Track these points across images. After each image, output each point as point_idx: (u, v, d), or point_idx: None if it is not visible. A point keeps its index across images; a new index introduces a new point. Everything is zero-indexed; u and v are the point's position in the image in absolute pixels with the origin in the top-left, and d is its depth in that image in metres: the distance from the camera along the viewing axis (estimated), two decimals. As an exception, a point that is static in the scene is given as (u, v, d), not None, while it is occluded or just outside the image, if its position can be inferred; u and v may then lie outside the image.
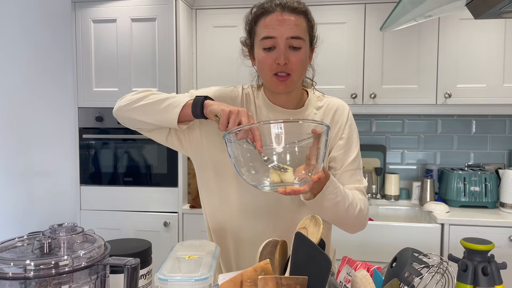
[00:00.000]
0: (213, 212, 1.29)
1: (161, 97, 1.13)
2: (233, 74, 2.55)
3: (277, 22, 1.11)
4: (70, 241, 0.80)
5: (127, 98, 1.17)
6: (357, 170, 1.24)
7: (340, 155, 1.22)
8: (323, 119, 1.23)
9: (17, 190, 3.00)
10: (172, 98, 1.12)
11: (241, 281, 0.78)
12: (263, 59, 1.14)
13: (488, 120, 2.76)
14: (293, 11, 1.13)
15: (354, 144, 1.25)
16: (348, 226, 1.20)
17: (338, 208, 1.11)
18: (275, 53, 1.12)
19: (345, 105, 1.28)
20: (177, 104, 1.10)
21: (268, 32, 1.12)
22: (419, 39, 2.46)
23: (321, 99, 1.27)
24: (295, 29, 1.11)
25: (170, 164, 2.46)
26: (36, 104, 2.96)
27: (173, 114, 1.09)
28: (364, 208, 1.18)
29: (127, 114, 1.16)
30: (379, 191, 2.79)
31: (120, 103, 1.18)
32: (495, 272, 0.91)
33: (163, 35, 2.41)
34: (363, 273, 0.78)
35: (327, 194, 1.07)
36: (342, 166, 1.21)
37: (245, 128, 0.95)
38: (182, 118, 1.10)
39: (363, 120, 2.85)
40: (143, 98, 1.14)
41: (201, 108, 1.07)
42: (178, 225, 2.45)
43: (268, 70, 1.14)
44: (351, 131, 1.25)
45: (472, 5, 0.97)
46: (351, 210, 1.14)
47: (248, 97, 1.24)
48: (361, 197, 1.19)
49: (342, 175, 1.21)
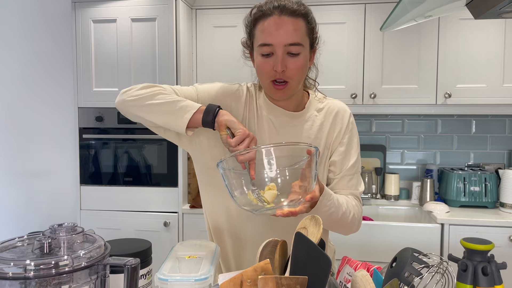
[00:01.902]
0: (213, 212, 1.29)
1: (170, 99, 1.10)
2: (233, 74, 2.54)
3: (275, 27, 1.08)
4: (70, 241, 0.80)
5: (133, 93, 1.13)
6: (355, 175, 1.25)
7: (339, 160, 1.23)
8: (323, 121, 1.23)
9: (17, 190, 3.00)
10: (182, 102, 1.09)
11: (241, 281, 0.78)
12: (261, 65, 1.12)
13: (488, 120, 2.76)
14: (292, 14, 1.09)
15: (354, 149, 1.25)
16: (340, 231, 1.23)
17: (331, 218, 1.13)
18: (273, 59, 1.10)
19: (346, 108, 1.27)
20: (188, 110, 1.07)
21: (265, 39, 1.09)
22: (419, 39, 2.46)
23: (322, 101, 1.26)
24: (293, 35, 1.08)
25: (170, 164, 2.46)
26: (36, 104, 2.96)
27: (183, 120, 1.07)
28: (357, 215, 1.20)
29: (132, 110, 1.14)
30: (379, 191, 2.79)
31: (124, 97, 1.14)
32: (495, 272, 0.91)
33: (163, 35, 2.41)
34: (363, 273, 0.78)
35: (321, 208, 1.08)
36: (341, 171, 1.23)
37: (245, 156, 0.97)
38: (190, 123, 1.08)
39: (363, 120, 2.85)
40: (151, 97, 1.11)
41: (213, 116, 1.06)
42: (178, 225, 2.45)
43: (266, 76, 1.12)
44: (351, 136, 1.25)
45: (472, 5, 0.97)
46: (344, 218, 1.16)
47: (251, 96, 1.24)
48: (354, 204, 1.21)
49: (341, 179, 1.23)
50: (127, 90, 1.16)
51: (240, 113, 1.22)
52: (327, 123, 1.23)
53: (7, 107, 2.97)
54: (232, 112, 1.17)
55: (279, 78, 1.11)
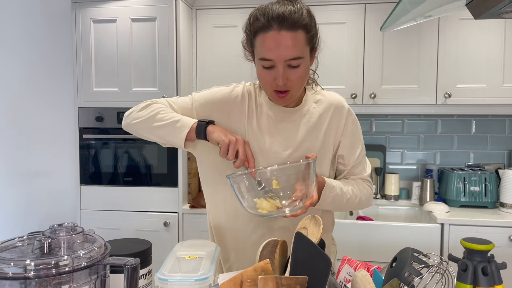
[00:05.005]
0: (215, 210, 1.30)
1: (167, 120, 1.18)
2: (233, 74, 2.55)
3: (274, 44, 1.08)
4: (70, 241, 0.80)
5: (135, 115, 1.22)
6: (362, 160, 1.31)
7: (346, 153, 1.28)
8: (322, 113, 1.25)
9: (17, 190, 3.00)
10: (178, 122, 1.17)
11: (241, 281, 0.78)
12: (263, 77, 1.15)
13: (488, 120, 2.76)
14: (291, 28, 1.07)
15: (358, 138, 1.30)
16: (348, 210, 1.36)
17: (336, 205, 1.22)
18: (274, 72, 1.12)
19: (343, 101, 1.30)
20: (182, 130, 1.16)
21: (265, 54, 1.10)
22: (419, 39, 2.46)
23: (319, 93, 1.30)
24: (292, 51, 1.08)
25: (170, 164, 2.46)
26: (36, 104, 2.96)
27: (180, 139, 1.16)
28: (365, 197, 1.27)
29: (137, 132, 1.24)
30: (379, 191, 2.79)
31: (128, 120, 1.24)
32: (495, 272, 0.91)
33: (163, 35, 2.41)
34: (363, 273, 0.78)
35: (324, 199, 1.17)
36: (349, 162, 1.28)
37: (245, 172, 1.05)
38: (187, 139, 1.17)
39: (363, 120, 2.85)
40: (151, 119, 1.19)
41: (204, 134, 1.16)
42: (178, 225, 2.45)
43: (269, 86, 1.16)
44: (353, 126, 1.29)
45: (472, 5, 0.97)
46: (350, 204, 1.24)
47: (249, 94, 1.26)
48: (362, 187, 1.27)
49: (351, 169, 1.29)
50: (129, 113, 1.25)
51: (237, 114, 1.24)
52: (327, 115, 1.25)
53: (7, 107, 2.97)
54: (230, 115, 1.23)
55: (281, 89, 1.14)
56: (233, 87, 1.27)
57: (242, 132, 1.22)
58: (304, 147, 1.22)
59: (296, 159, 1.19)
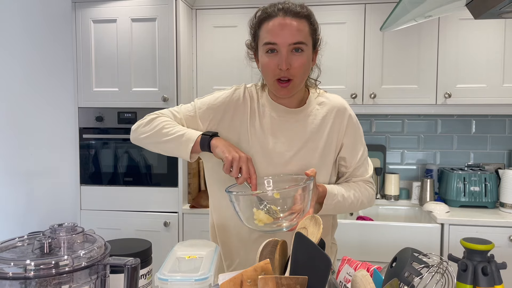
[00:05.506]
0: (220, 207, 1.31)
1: (172, 134, 1.21)
2: (233, 74, 2.55)
3: (279, 27, 1.13)
4: (70, 241, 0.80)
5: (141, 130, 1.26)
6: (364, 162, 1.32)
7: (348, 155, 1.29)
8: (325, 115, 1.27)
9: (17, 190, 3.00)
10: (183, 136, 1.20)
11: (241, 281, 0.78)
12: (266, 64, 1.17)
13: (488, 120, 2.76)
14: (296, 15, 1.14)
15: (359, 140, 1.31)
16: (350, 212, 1.34)
17: (338, 211, 1.25)
18: (278, 58, 1.15)
19: (345, 104, 1.31)
20: (187, 144, 1.19)
21: (270, 38, 1.14)
22: (419, 39, 2.46)
23: (322, 95, 1.31)
24: (297, 35, 1.13)
25: (170, 164, 2.46)
26: (36, 104, 2.96)
27: (186, 153, 1.20)
28: (367, 199, 1.29)
29: (145, 146, 1.28)
30: (379, 191, 2.79)
31: (135, 135, 1.28)
32: (495, 272, 0.91)
33: (163, 35, 2.41)
34: (363, 273, 0.78)
35: (326, 207, 1.19)
36: (351, 164, 1.30)
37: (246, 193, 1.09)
38: (192, 151, 1.21)
39: (363, 120, 2.85)
40: (157, 134, 1.23)
41: (208, 147, 1.19)
42: (178, 225, 2.45)
43: (271, 75, 1.17)
44: (355, 129, 1.30)
45: (472, 5, 0.97)
46: (352, 207, 1.26)
47: (251, 96, 1.28)
48: (363, 189, 1.29)
49: (353, 171, 1.31)
50: (136, 127, 1.28)
51: (240, 115, 1.25)
52: (329, 117, 1.27)
53: (7, 107, 2.97)
54: (233, 117, 1.25)
55: (284, 77, 1.16)
56: (234, 90, 1.29)
57: (245, 133, 1.23)
58: (307, 148, 1.23)
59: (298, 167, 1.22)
